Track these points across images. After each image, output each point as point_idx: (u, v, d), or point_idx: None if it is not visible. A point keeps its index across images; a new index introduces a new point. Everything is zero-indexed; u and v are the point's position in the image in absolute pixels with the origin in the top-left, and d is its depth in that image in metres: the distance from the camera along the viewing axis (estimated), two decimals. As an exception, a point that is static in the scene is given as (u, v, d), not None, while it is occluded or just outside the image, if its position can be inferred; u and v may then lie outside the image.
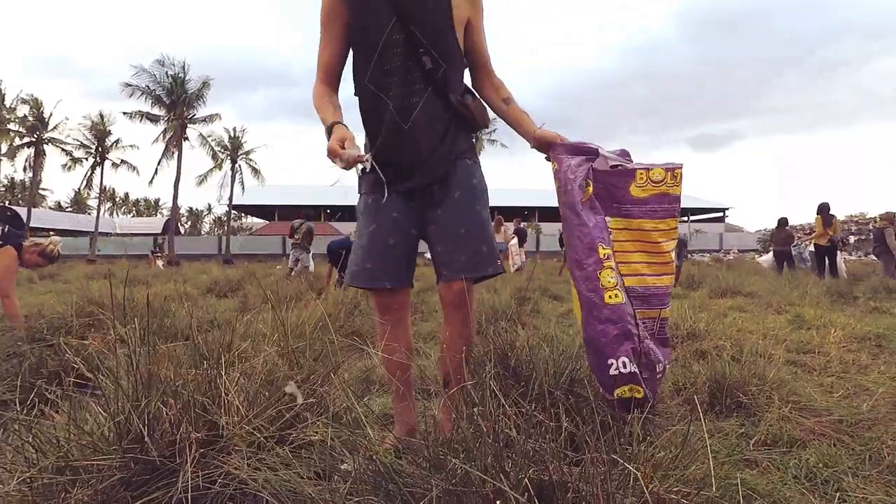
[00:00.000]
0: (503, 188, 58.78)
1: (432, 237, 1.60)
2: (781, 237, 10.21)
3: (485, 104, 1.65)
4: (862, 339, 3.22)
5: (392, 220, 1.57)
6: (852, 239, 40.08)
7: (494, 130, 34.24)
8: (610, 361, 1.46)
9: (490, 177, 1.67)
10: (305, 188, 56.24)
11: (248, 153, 31.09)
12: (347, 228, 44.87)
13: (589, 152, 1.61)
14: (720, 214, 51.81)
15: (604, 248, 1.51)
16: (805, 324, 3.72)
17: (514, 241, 13.40)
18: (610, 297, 1.48)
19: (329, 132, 1.43)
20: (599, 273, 1.50)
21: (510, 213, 49.45)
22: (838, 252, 8.99)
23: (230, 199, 31.72)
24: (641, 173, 1.57)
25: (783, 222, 10.54)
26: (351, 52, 1.53)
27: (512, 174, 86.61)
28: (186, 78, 25.27)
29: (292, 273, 9.67)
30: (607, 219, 1.58)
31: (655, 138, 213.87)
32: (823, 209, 8.80)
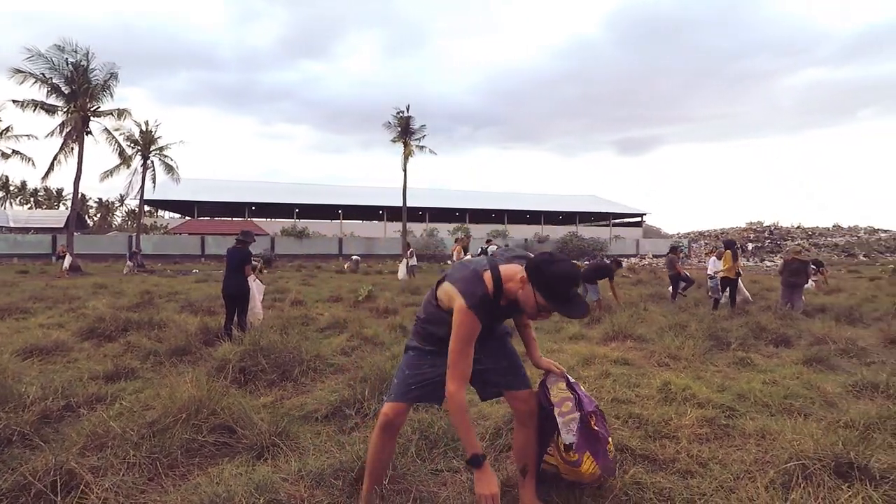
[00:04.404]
0: (436, 188, 59.01)
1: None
2: (670, 262, 11.37)
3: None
4: (711, 421, 3.46)
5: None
6: (750, 246, 43.85)
7: (424, 136, 34.18)
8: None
9: (421, 180, 1.90)
10: (229, 183, 53.55)
11: (161, 149, 29.08)
12: (271, 227, 43.27)
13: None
14: (638, 220, 54.85)
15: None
16: (670, 396, 3.97)
17: (465, 258, 13.58)
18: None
19: (479, 463, 1.94)
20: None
21: (444, 215, 49.76)
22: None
23: (141, 196, 29.56)
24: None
25: (672, 249, 11.79)
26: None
27: (442, 177, 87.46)
28: (90, 67, 23.12)
29: None
30: None
31: (585, 140, 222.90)
32: (731, 245, 9.62)
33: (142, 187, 28.84)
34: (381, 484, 2.39)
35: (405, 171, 34.51)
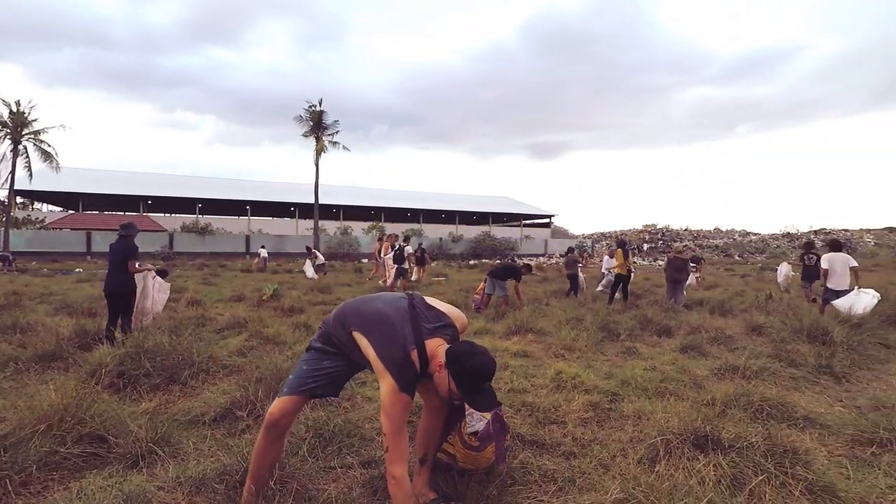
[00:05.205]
0: (351, 186, 57.99)
1: None
2: (568, 262, 12.11)
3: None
4: (596, 406, 3.72)
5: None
6: (646, 247, 47.56)
7: (337, 132, 33.47)
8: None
9: (337, 177, 1.80)
10: (121, 174, 48.95)
11: (37, 133, 25.94)
12: (169, 223, 40.16)
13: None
14: (546, 221, 57.51)
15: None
16: (562, 384, 4.20)
17: (390, 255, 13.65)
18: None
19: None
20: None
21: (359, 213, 48.93)
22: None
23: (11, 185, 26.17)
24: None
25: (570, 249, 12.59)
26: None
27: (358, 175, 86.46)
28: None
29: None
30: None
31: (499, 143, 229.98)
32: (623, 244, 10.35)
33: (11, 175, 25.54)
34: (264, 486, 2.30)
35: (317, 166, 33.60)
